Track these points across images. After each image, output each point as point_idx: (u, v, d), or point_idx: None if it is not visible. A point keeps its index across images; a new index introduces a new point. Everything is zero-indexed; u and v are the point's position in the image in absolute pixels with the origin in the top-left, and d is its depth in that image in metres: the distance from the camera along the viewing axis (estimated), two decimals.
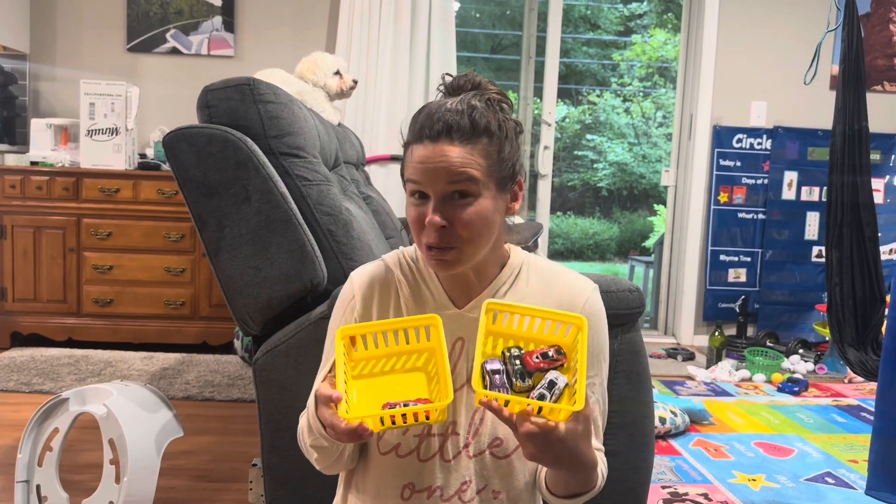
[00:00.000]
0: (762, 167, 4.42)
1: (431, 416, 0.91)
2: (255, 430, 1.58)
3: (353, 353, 1.01)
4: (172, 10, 4.09)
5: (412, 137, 1.02)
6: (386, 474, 1.07)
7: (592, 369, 1.08)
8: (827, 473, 2.45)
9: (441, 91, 1.07)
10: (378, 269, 1.13)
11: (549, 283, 1.11)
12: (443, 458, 1.05)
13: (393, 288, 1.11)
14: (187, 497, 2.09)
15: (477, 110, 0.99)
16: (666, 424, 2.69)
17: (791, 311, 4.46)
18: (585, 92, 9.72)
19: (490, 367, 0.94)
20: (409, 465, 1.06)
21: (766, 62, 4.37)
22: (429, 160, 0.98)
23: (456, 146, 0.98)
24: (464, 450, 1.05)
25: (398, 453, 1.06)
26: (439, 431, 1.05)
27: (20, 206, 3.61)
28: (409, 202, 1.03)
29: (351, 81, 3.06)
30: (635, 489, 1.55)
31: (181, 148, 1.52)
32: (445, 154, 0.98)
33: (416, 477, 1.06)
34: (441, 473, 1.05)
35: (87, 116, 3.62)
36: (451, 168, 0.97)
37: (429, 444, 1.06)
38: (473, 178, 0.98)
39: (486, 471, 1.06)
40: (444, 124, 0.98)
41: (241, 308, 1.54)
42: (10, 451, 2.32)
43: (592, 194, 10.02)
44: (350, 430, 0.90)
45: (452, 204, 0.99)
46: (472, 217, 0.99)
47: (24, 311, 3.68)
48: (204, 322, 3.74)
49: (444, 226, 0.98)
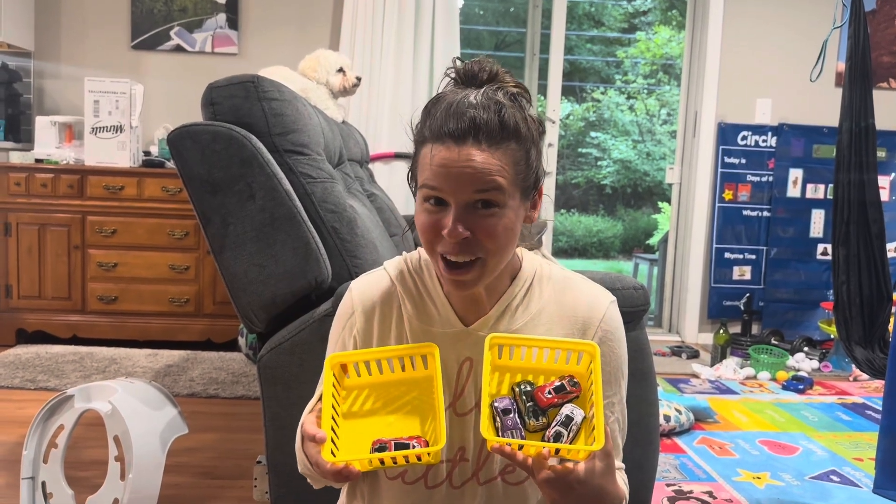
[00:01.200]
0: (767, 164, 4.41)
1: (423, 458, 0.86)
2: (260, 427, 1.58)
3: (344, 381, 0.95)
4: (176, 8, 4.09)
5: (430, 135, 0.91)
6: (392, 500, 1.02)
7: (611, 388, 1.01)
8: (832, 471, 2.44)
9: (451, 77, 0.96)
10: (380, 282, 1.05)
11: (564, 295, 1.03)
12: (451, 485, 1.00)
13: (395, 303, 1.03)
14: (192, 494, 2.10)
15: (505, 108, 0.89)
16: (670, 422, 2.69)
17: (796, 308, 4.45)
18: (590, 89, 9.70)
19: (500, 407, 0.88)
20: (415, 491, 1.01)
21: (771, 59, 4.36)
22: (452, 164, 0.87)
23: (483, 150, 0.87)
24: (473, 477, 1.00)
25: (405, 480, 1.01)
26: (448, 457, 1.00)
27: (25, 203, 3.61)
28: (423, 207, 0.92)
29: (354, 79, 3.06)
30: (640, 487, 1.55)
31: (185, 145, 1.52)
32: (472, 158, 0.87)
33: (424, 503, 1.01)
34: (449, 501, 1.00)
35: (92, 114, 3.62)
36: (477, 175, 0.87)
37: (437, 471, 1.00)
38: (501, 187, 0.88)
39: (497, 498, 1.00)
40: (470, 123, 0.87)
41: (246, 305, 1.54)
42: (16, 447, 2.32)
43: (596, 192, 10.00)
44: (335, 471, 0.85)
45: (475, 213, 0.89)
46: (496, 229, 0.90)
47: (28, 309, 3.68)
48: (208, 319, 3.74)
49: (466, 236, 0.89)
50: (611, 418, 1.01)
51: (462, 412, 0.99)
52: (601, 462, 0.85)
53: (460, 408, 1.00)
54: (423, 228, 0.93)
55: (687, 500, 2.17)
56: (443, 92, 0.95)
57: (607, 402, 0.99)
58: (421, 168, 0.93)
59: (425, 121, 0.93)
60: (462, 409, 1.00)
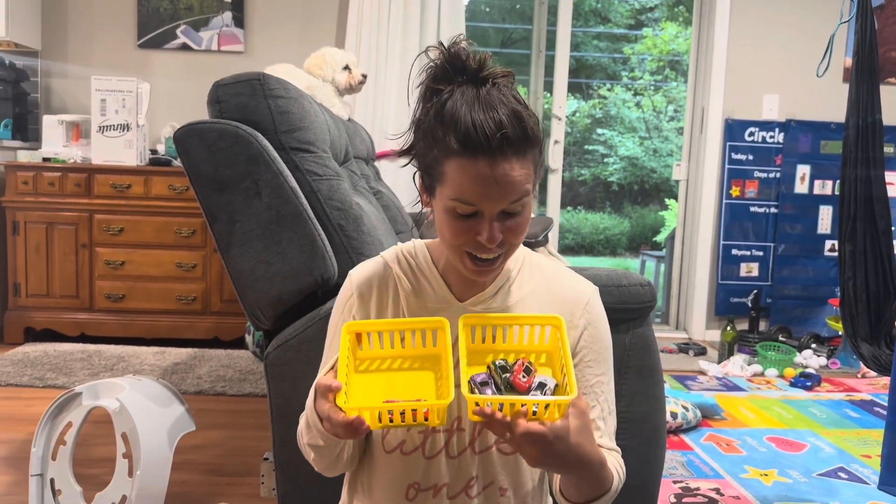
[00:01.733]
0: (774, 161, 4.39)
1: (431, 416, 0.89)
2: (267, 425, 1.59)
3: (357, 352, 0.99)
4: (182, 6, 4.10)
5: (459, 148, 0.91)
6: (391, 474, 1.06)
7: (600, 367, 1.07)
8: (840, 468, 2.43)
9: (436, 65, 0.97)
10: (376, 266, 1.10)
11: (551, 282, 1.10)
12: (448, 454, 1.04)
13: (391, 283, 1.08)
14: (199, 491, 2.11)
15: (523, 116, 0.92)
16: (677, 419, 2.69)
17: (803, 305, 4.44)
18: (596, 86, 9.69)
19: (478, 380, 0.92)
20: (414, 462, 1.04)
21: (778, 55, 4.34)
22: (489, 180, 0.91)
23: (514, 162, 0.92)
24: (469, 446, 1.04)
25: (403, 450, 1.04)
26: (444, 428, 1.04)
27: (33, 202, 3.63)
28: (452, 215, 0.95)
29: (360, 76, 3.05)
30: (647, 484, 1.55)
31: (192, 143, 1.52)
32: (507, 173, 0.91)
33: (421, 475, 1.04)
34: (447, 470, 1.04)
35: (99, 113, 3.63)
36: (512, 187, 0.92)
37: (434, 441, 1.04)
38: (529, 192, 0.96)
39: (493, 467, 1.04)
40: (501, 139, 0.90)
41: (252, 303, 1.54)
42: (25, 445, 2.34)
43: (603, 189, 9.99)
44: (346, 422, 0.86)
45: (505, 218, 0.95)
46: (523, 227, 0.98)
47: (37, 307, 3.70)
48: (215, 317, 3.75)
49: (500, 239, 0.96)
50: (601, 397, 1.07)
51: (457, 383, 1.03)
52: (577, 420, 0.88)
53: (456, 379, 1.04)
54: (455, 234, 0.97)
55: (694, 497, 2.17)
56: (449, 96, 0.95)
57: (596, 381, 1.06)
58: (449, 181, 0.94)
59: (445, 134, 0.93)
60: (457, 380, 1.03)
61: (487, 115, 0.91)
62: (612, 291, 1.46)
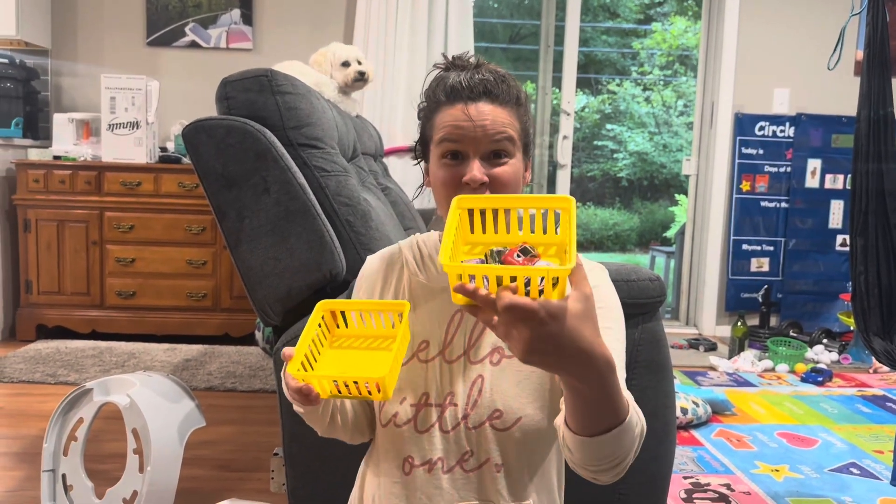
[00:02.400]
0: (785, 155, 4.37)
1: (373, 391, 0.89)
2: (277, 420, 1.59)
3: (335, 330, 1.04)
4: (191, 4, 4.11)
5: (444, 99, 1.03)
6: (388, 447, 1.07)
7: (607, 321, 0.99)
8: (852, 464, 2.42)
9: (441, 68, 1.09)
10: (390, 250, 1.17)
11: None
12: (442, 429, 1.04)
13: (399, 264, 1.13)
14: (210, 486, 2.12)
15: (507, 77, 1.04)
16: (688, 415, 2.68)
17: (815, 300, 4.41)
18: (605, 81, 9.65)
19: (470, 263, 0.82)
20: (407, 435, 1.05)
21: (788, 48, 4.31)
22: (469, 118, 1.00)
23: (497, 107, 1.01)
24: (462, 420, 1.04)
25: (396, 423, 1.05)
26: (437, 402, 1.04)
27: (43, 200, 3.65)
28: (441, 163, 1.03)
29: (355, 73, 2.98)
30: (657, 479, 1.55)
31: (200, 140, 1.53)
32: (488, 113, 1.00)
33: (415, 450, 1.05)
34: (441, 444, 1.04)
35: (108, 111, 3.65)
36: (494, 126, 1.00)
37: (427, 414, 1.05)
38: (511, 137, 1.01)
39: (488, 443, 1.03)
40: (482, 84, 1.01)
41: (261, 299, 1.55)
42: (37, 440, 2.35)
43: (612, 185, 9.95)
44: (297, 388, 0.90)
45: (491, 163, 1.01)
46: (509, 176, 1.01)
47: (48, 304, 3.73)
48: (225, 314, 3.77)
49: (484, 183, 0.99)
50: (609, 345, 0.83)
51: (451, 359, 1.06)
52: (578, 304, 0.75)
53: (449, 355, 1.06)
54: (443, 181, 1.02)
55: (704, 493, 2.16)
56: (441, 74, 1.08)
57: (607, 326, 0.96)
58: (437, 129, 1.04)
59: (435, 93, 1.05)
60: (451, 356, 1.06)
61: (473, 73, 1.03)
62: (622, 286, 1.46)
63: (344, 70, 2.99)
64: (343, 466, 1.16)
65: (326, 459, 1.52)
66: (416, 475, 1.05)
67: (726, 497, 2.14)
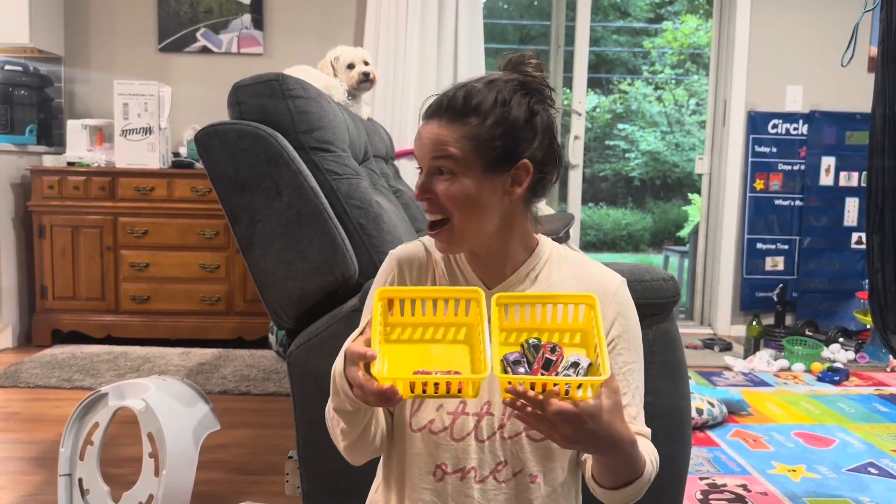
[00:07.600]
0: (799, 153, 4.34)
1: (465, 390, 0.87)
2: (291, 423, 1.59)
3: (388, 318, 0.97)
4: (202, 10, 4.13)
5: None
6: (419, 453, 1.06)
7: (631, 356, 1.08)
8: (869, 464, 2.40)
9: None
10: (417, 248, 1.15)
11: (579, 272, 1.11)
12: (477, 438, 1.04)
13: (430, 266, 1.13)
14: (225, 489, 2.12)
15: (473, 90, 1.02)
16: (703, 415, 2.66)
17: (830, 299, 4.38)
18: (616, 81, 9.62)
19: (511, 359, 0.91)
20: (442, 443, 1.05)
21: (801, 45, 4.28)
22: (421, 137, 1.05)
23: (442, 125, 1.02)
24: (499, 430, 1.04)
25: (431, 429, 1.05)
26: (474, 411, 1.04)
27: (58, 206, 3.68)
28: None
29: (359, 75, 2.98)
30: (672, 480, 1.53)
31: (213, 144, 1.53)
32: (430, 132, 1.03)
33: (449, 457, 1.05)
34: (476, 454, 1.04)
35: (121, 117, 3.67)
36: (433, 145, 1.02)
37: (464, 423, 1.05)
38: (452, 155, 1.01)
39: (523, 453, 1.04)
40: (436, 103, 1.04)
41: (274, 302, 1.55)
42: (53, 445, 2.37)
43: (625, 184, 9.92)
44: (379, 391, 0.85)
45: (436, 178, 1.04)
46: (451, 192, 1.02)
47: (63, 310, 3.75)
48: (239, 317, 3.78)
49: (429, 197, 1.03)
50: (632, 384, 1.07)
51: None
52: (609, 399, 0.88)
53: None
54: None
55: (721, 494, 2.15)
56: None
57: (627, 368, 1.07)
58: None
59: None
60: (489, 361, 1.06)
61: (449, 90, 1.05)
62: (635, 286, 1.45)
63: (349, 72, 3.00)
64: (358, 470, 1.16)
65: (341, 462, 1.51)
66: (448, 482, 1.05)
67: (743, 498, 2.12)
